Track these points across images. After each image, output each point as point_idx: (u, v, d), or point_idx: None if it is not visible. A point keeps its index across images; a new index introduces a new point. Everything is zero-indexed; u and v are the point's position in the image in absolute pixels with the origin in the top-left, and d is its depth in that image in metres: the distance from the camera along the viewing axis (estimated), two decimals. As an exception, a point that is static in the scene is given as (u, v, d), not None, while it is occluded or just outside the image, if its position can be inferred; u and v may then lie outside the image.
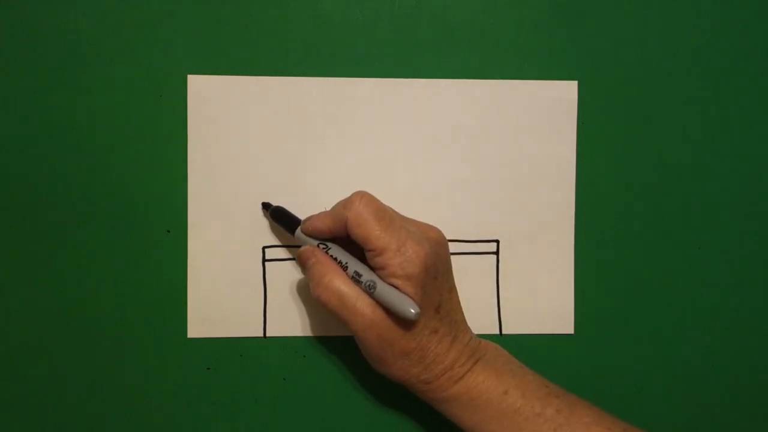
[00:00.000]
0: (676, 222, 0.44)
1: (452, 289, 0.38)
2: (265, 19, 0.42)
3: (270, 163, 0.42)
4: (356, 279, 0.36)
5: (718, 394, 0.44)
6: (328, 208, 0.41)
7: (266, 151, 0.42)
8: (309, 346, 0.43)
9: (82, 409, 0.42)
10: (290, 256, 0.42)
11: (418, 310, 0.34)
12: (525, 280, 0.43)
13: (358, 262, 0.37)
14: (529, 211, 0.43)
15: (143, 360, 0.42)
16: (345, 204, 0.37)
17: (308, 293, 0.42)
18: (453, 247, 0.43)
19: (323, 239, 0.38)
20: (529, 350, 0.43)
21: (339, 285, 0.36)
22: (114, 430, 0.42)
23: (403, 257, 0.35)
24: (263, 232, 0.42)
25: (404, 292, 0.35)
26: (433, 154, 0.43)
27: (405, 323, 0.36)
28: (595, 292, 0.43)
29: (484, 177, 0.43)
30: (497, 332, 0.43)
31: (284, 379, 0.42)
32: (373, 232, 0.35)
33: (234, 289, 0.42)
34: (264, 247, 0.42)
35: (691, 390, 0.44)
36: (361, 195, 0.36)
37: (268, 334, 0.42)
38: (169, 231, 0.42)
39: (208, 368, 0.42)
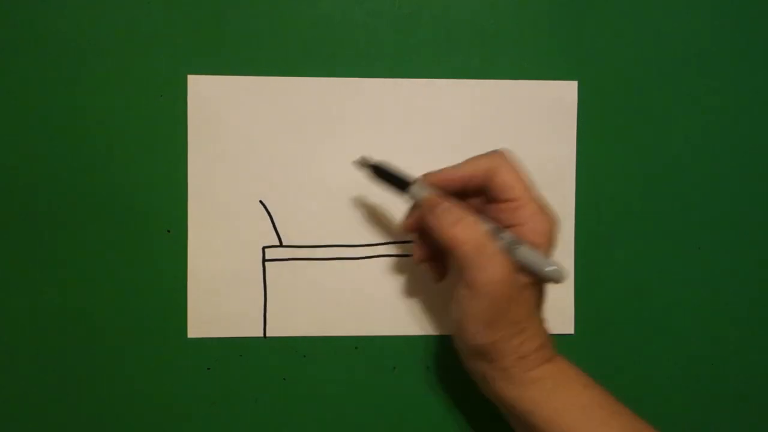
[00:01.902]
0: (676, 222, 0.44)
1: None
2: (265, 19, 0.42)
3: (270, 163, 0.42)
4: (494, 235, 0.34)
5: (719, 394, 0.44)
6: (328, 208, 0.41)
7: (266, 151, 0.42)
8: (309, 346, 0.43)
9: (83, 409, 0.42)
10: (290, 256, 0.42)
11: (565, 274, 0.33)
12: (525, 280, 0.43)
13: (488, 219, 0.36)
14: (529, 211, 0.43)
15: (143, 360, 0.42)
16: (486, 155, 0.36)
17: (308, 293, 0.42)
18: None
19: (445, 193, 0.36)
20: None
21: (482, 228, 0.34)
22: (114, 430, 0.42)
23: (546, 216, 0.34)
24: (263, 232, 0.42)
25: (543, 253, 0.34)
26: (433, 154, 0.43)
27: (531, 291, 0.34)
28: (595, 292, 0.43)
29: (484, 177, 0.43)
30: (497, 332, 0.43)
31: (284, 379, 0.42)
32: (523, 181, 0.35)
33: (234, 289, 0.42)
34: (264, 247, 0.42)
35: (691, 390, 0.44)
36: (505, 150, 0.36)
37: (268, 334, 0.42)
38: (169, 231, 0.42)
39: (208, 368, 0.42)
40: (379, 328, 0.43)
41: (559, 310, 0.43)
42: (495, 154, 0.36)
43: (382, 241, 0.43)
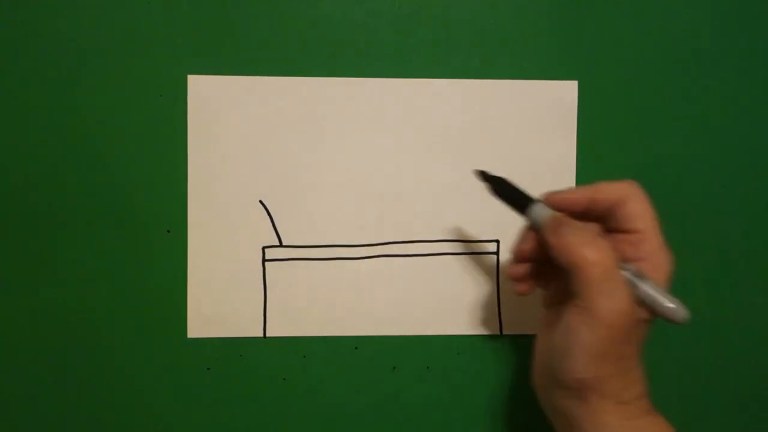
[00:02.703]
0: (676, 222, 0.44)
1: None
2: (265, 19, 0.42)
3: (270, 163, 0.42)
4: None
5: (719, 394, 0.44)
6: (328, 208, 0.41)
7: (266, 151, 0.42)
8: (309, 346, 0.43)
9: (83, 409, 0.42)
10: (290, 256, 0.42)
11: (688, 314, 0.32)
12: (525, 280, 0.43)
13: None
14: (529, 211, 0.43)
15: (143, 360, 0.42)
16: (613, 183, 0.34)
17: (308, 293, 0.42)
18: (453, 247, 0.43)
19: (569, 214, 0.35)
20: (529, 350, 0.43)
21: (612, 253, 0.32)
22: (114, 430, 0.42)
23: (667, 256, 0.33)
24: (263, 232, 0.42)
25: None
26: (433, 154, 0.43)
27: (642, 331, 0.33)
28: (595, 292, 0.43)
29: (484, 177, 0.43)
30: (497, 332, 0.43)
31: (284, 379, 0.42)
32: (652, 215, 0.33)
33: (234, 289, 0.42)
34: (264, 247, 0.42)
35: (691, 390, 0.44)
36: (635, 182, 0.34)
37: (268, 334, 0.42)
38: (169, 231, 0.42)
39: (208, 368, 0.42)
40: (379, 328, 0.43)
41: (559, 310, 0.43)
42: (627, 182, 0.34)
43: (382, 241, 0.43)
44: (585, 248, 0.31)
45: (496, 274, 0.43)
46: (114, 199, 0.41)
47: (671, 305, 0.32)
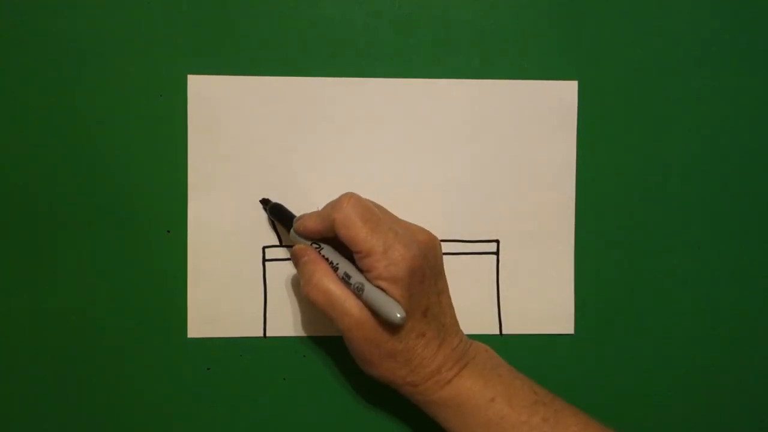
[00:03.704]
0: (676, 222, 0.44)
1: (441, 292, 0.38)
2: (265, 19, 0.42)
3: (270, 163, 0.42)
4: (345, 280, 0.36)
5: (718, 394, 0.44)
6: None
7: (266, 151, 0.42)
8: (309, 346, 0.43)
9: (82, 409, 0.42)
10: (290, 256, 0.42)
11: (403, 314, 0.34)
12: (525, 280, 0.43)
13: (349, 263, 0.37)
14: (529, 211, 0.43)
15: (143, 360, 0.42)
16: (333, 205, 0.37)
17: (308, 293, 0.42)
18: (453, 247, 0.43)
19: (315, 239, 0.38)
20: (529, 350, 0.43)
21: (328, 284, 0.36)
22: (114, 430, 0.42)
23: (388, 260, 0.35)
24: (263, 232, 0.42)
25: (390, 296, 0.35)
26: (433, 154, 0.43)
27: (391, 326, 0.35)
28: (595, 292, 0.43)
29: (484, 177, 0.43)
30: (497, 332, 0.43)
31: (284, 379, 0.42)
32: (359, 234, 0.35)
33: (234, 289, 0.42)
34: (264, 247, 0.42)
35: (691, 390, 0.44)
36: (349, 196, 0.36)
37: (268, 334, 0.42)
38: (169, 231, 0.42)
39: (208, 368, 0.42)
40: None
41: (559, 310, 0.43)
42: (338, 203, 0.36)
43: (382, 241, 0.42)
44: (306, 287, 0.37)
45: (496, 274, 0.43)
46: (114, 199, 0.41)
47: (386, 309, 0.34)
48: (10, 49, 0.41)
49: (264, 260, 0.42)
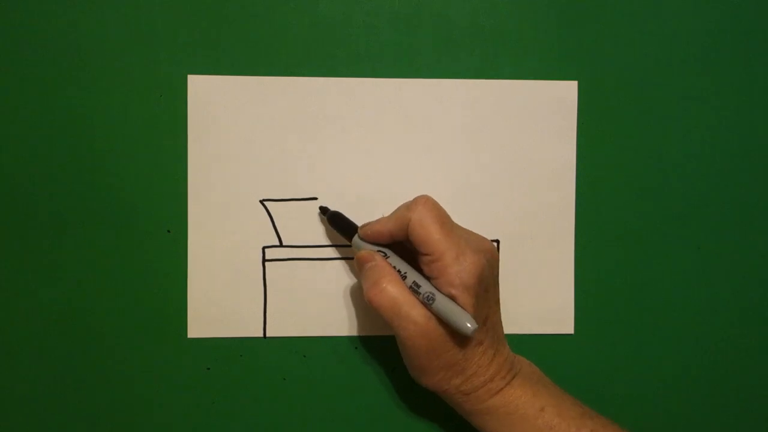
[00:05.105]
0: (676, 222, 0.44)
1: (498, 302, 0.38)
2: (265, 19, 0.42)
3: (270, 163, 0.42)
4: (414, 289, 0.36)
5: (718, 394, 0.44)
6: (330, 209, 0.41)
7: (266, 151, 0.42)
8: (309, 346, 0.43)
9: (83, 409, 0.42)
10: (290, 256, 0.42)
11: (475, 325, 0.34)
12: (525, 280, 0.43)
13: (416, 272, 0.37)
14: (529, 211, 0.43)
15: (143, 360, 0.42)
16: (408, 206, 0.37)
17: (308, 293, 0.42)
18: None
19: (381, 245, 0.38)
20: (529, 350, 0.43)
21: (394, 290, 0.36)
22: (114, 430, 0.42)
23: (461, 266, 0.35)
24: (263, 232, 0.42)
25: (459, 303, 0.35)
26: (433, 154, 0.43)
27: (458, 336, 0.35)
28: (595, 292, 0.43)
29: (484, 177, 0.43)
30: (497, 332, 0.43)
31: (284, 379, 0.42)
32: (434, 236, 0.35)
33: (234, 289, 0.42)
34: (264, 247, 0.42)
35: (691, 390, 0.44)
36: (425, 198, 0.36)
37: (268, 334, 0.42)
38: (169, 231, 0.42)
39: (208, 368, 0.42)
40: (379, 328, 0.43)
41: (559, 310, 0.43)
42: (413, 204, 0.36)
43: (382, 241, 0.42)
44: (371, 292, 0.36)
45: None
46: (114, 199, 0.41)
47: (458, 319, 0.34)
48: (10, 49, 0.41)
49: (264, 260, 0.42)
